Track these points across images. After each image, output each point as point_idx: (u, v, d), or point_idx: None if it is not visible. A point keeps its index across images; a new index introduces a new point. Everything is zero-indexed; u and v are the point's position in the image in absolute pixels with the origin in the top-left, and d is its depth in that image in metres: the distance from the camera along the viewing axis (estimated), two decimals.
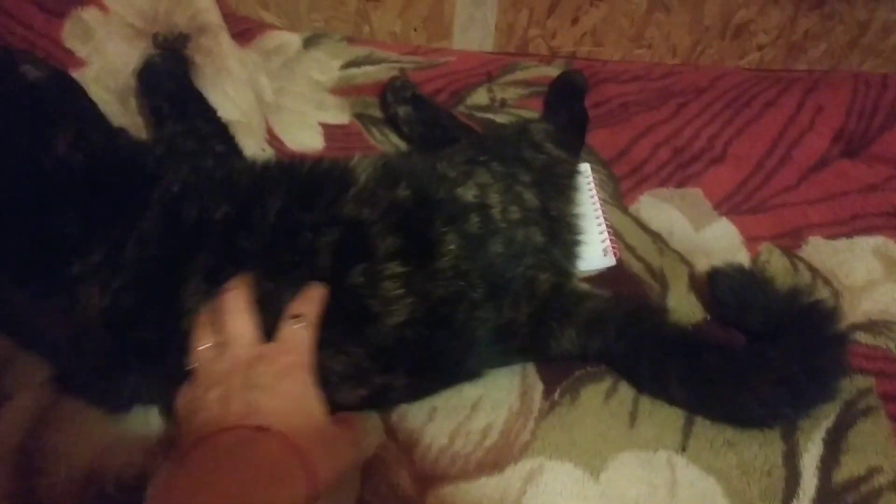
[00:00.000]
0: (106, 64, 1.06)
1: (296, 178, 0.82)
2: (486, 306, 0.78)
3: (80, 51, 1.05)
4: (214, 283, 0.71)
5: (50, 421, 0.77)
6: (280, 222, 0.75)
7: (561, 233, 0.89)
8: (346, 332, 0.73)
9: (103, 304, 0.71)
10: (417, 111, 1.10)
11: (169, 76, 1.00)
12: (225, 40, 1.11)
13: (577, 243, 0.91)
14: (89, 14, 1.07)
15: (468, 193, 0.83)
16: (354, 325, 0.73)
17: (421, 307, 0.74)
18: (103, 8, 1.08)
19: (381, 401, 0.79)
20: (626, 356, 0.83)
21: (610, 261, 0.98)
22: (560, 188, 0.93)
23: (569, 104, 1.16)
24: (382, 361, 0.74)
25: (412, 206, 0.79)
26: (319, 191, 0.79)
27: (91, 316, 0.71)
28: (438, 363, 0.79)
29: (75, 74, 1.02)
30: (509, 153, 0.92)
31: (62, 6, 1.05)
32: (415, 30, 1.47)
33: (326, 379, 0.72)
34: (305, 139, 1.11)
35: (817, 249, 1.04)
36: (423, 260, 0.75)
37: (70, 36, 1.05)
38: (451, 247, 0.77)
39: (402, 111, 1.10)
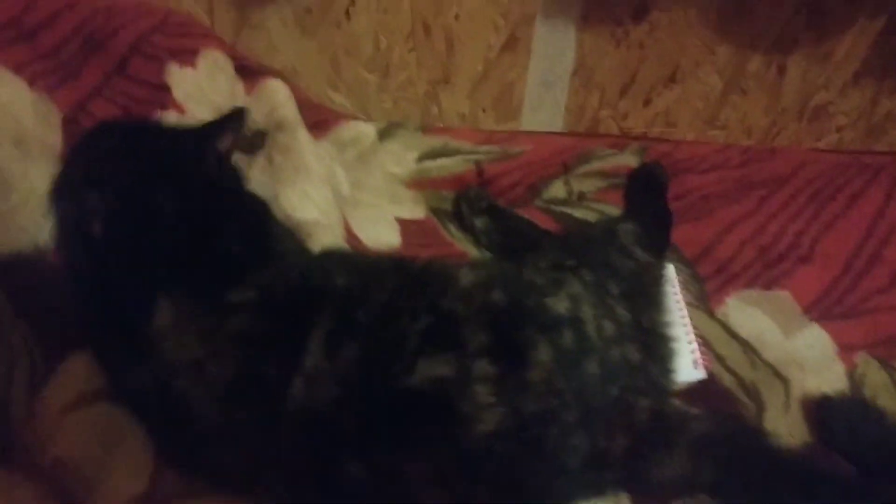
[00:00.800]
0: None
1: (408, 270, 0.82)
2: (578, 432, 0.75)
3: None
4: (330, 345, 0.71)
5: None
6: (389, 304, 0.75)
7: (656, 347, 0.85)
8: (433, 430, 0.69)
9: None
10: (495, 221, 1.09)
11: None
12: (303, 136, 1.11)
13: (672, 356, 0.87)
14: (169, 118, 1.07)
15: (560, 305, 0.80)
16: (442, 424, 0.69)
17: (511, 421, 0.70)
18: (180, 110, 1.09)
19: None
20: (733, 484, 0.79)
21: (700, 373, 0.94)
22: (649, 297, 0.90)
23: (651, 201, 1.13)
24: (467, 471, 0.69)
25: (505, 309, 0.77)
26: (425, 285, 0.79)
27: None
28: (523, 489, 0.75)
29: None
30: (598, 259, 0.89)
31: (145, 109, 1.06)
32: (483, 111, 1.46)
33: (405, 489, 0.68)
34: (382, 235, 1.10)
35: None
36: (513, 365, 0.72)
37: None
38: (544, 358, 0.74)
39: (480, 222, 1.10)
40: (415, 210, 1.15)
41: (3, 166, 0.90)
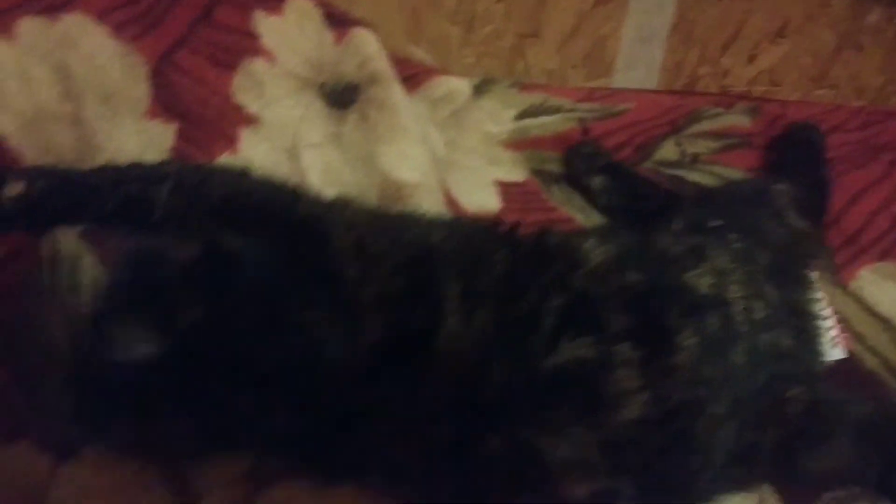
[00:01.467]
0: (275, 119, 0.99)
1: (519, 243, 0.75)
2: (726, 425, 0.68)
3: (251, 106, 0.98)
4: (465, 309, 0.66)
5: None
6: (507, 278, 0.69)
7: (806, 329, 0.77)
8: (574, 412, 0.64)
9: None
10: (614, 180, 1.00)
11: None
12: (397, 91, 1.03)
13: (820, 337, 0.79)
14: (258, 66, 1.00)
15: (702, 283, 0.72)
16: (584, 407, 0.64)
17: (657, 408, 0.64)
18: (271, 58, 1.02)
19: None
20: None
21: (840, 353, 0.86)
22: (798, 271, 0.81)
23: (808, 163, 1.02)
24: (612, 459, 0.64)
25: (643, 291, 0.70)
26: (548, 262, 0.72)
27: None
28: (666, 483, 0.69)
29: (247, 132, 0.97)
30: (746, 221, 0.81)
31: (233, 58, 0.99)
32: (573, 67, 1.38)
33: (544, 470, 0.63)
34: (481, 199, 1.02)
35: None
36: (657, 349, 0.66)
37: (239, 90, 0.98)
38: (690, 342, 0.67)
39: (597, 182, 1.01)
40: (514, 172, 1.07)
41: (90, 125, 0.85)
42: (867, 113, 1.23)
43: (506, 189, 1.04)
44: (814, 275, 0.86)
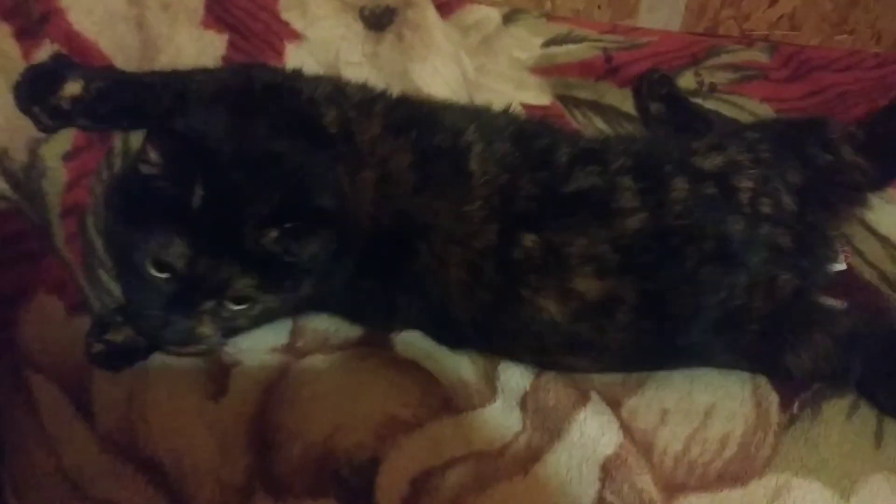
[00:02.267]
0: (318, 37, 1.05)
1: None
2: (715, 266, 0.77)
3: (296, 23, 1.05)
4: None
5: (281, 397, 0.77)
6: (520, 131, 0.86)
7: (814, 246, 0.84)
8: (589, 217, 0.78)
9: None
10: (671, 109, 1.06)
11: None
12: (431, 14, 1.09)
13: (828, 260, 0.86)
14: None
15: (708, 162, 0.82)
16: (597, 214, 0.78)
17: (653, 223, 0.78)
18: None
19: (604, 339, 0.78)
20: (882, 380, 0.78)
21: (840, 265, 0.92)
22: (834, 200, 0.87)
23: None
24: (620, 256, 0.77)
25: (646, 151, 0.84)
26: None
27: None
28: (665, 305, 0.77)
29: (292, 47, 1.03)
30: (788, 142, 0.87)
31: None
32: (599, 7, 1.42)
33: (564, 262, 0.76)
34: None
35: None
36: (653, 185, 0.80)
37: (286, 8, 1.05)
38: (682, 185, 0.80)
39: (655, 108, 1.07)
40: (540, 96, 1.13)
41: (152, 29, 0.92)
42: (884, 56, 1.28)
43: (531, 112, 1.10)
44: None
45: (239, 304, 0.71)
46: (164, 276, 0.67)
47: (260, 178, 0.69)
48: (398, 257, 0.78)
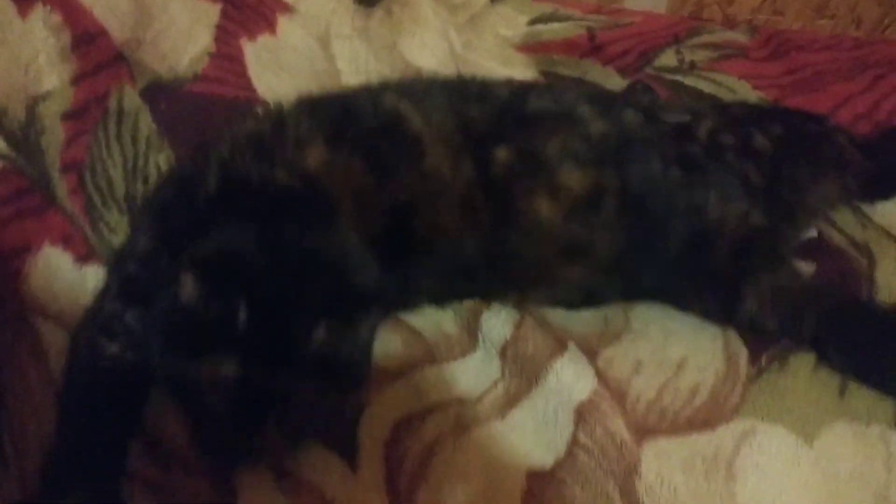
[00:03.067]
0: (309, 10, 1.09)
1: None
2: (681, 172, 0.83)
3: None
4: None
5: None
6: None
7: (789, 200, 0.88)
8: (554, 124, 0.84)
9: None
10: None
11: None
12: None
13: (799, 227, 0.91)
14: None
15: (673, 117, 0.88)
16: (561, 122, 0.85)
17: (616, 131, 0.85)
18: None
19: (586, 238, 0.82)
20: (835, 339, 0.81)
21: (810, 231, 0.95)
22: (814, 164, 0.91)
23: None
24: (595, 152, 0.82)
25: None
26: None
27: None
28: (642, 205, 0.82)
29: (284, 19, 1.07)
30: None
31: None
32: None
33: (544, 162, 0.81)
34: None
35: None
36: (609, 111, 0.87)
37: None
38: (635, 118, 0.87)
39: None
40: (525, 73, 1.16)
41: None
42: (862, 39, 1.32)
43: None
44: None
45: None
46: (223, 399, 0.67)
47: (301, 280, 0.69)
48: (402, 248, 0.79)
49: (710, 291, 0.83)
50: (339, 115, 0.83)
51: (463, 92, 0.87)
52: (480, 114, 0.83)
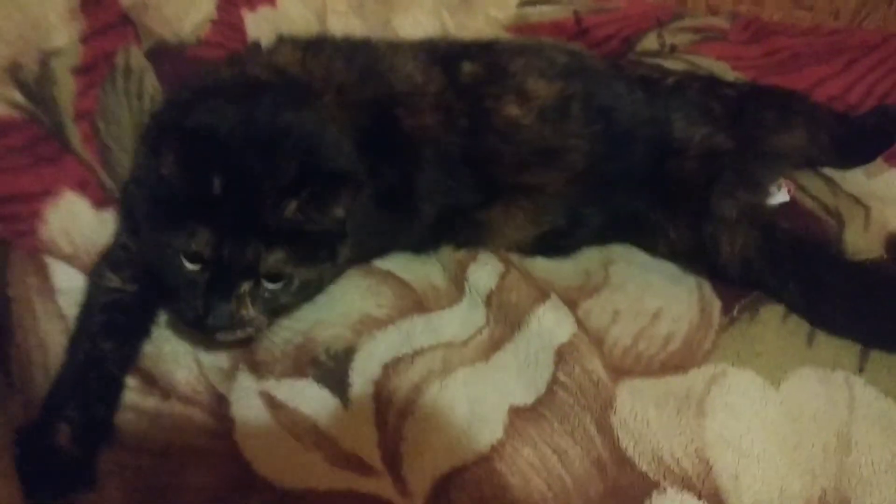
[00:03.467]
0: None
1: None
2: (642, 93, 0.92)
3: None
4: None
5: None
6: None
7: (750, 148, 0.94)
8: (519, 51, 0.93)
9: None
10: None
11: None
12: None
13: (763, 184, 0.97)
14: None
15: (640, 70, 1.01)
16: (525, 51, 0.93)
17: (577, 63, 0.94)
18: None
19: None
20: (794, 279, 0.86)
21: (784, 196, 1.00)
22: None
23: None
24: (559, 68, 0.92)
25: None
26: None
27: None
28: (608, 116, 0.90)
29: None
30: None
31: None
32: None
33: (510, 73, 0.90)
34: None
35: None
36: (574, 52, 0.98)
37: None
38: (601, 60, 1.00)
39: None
40: None
41: None
42: (838, 27, 1.37)
43: None
44: None
45: (275, 281, 0.74)
46: (196, 267, 0.71)
47: (273, 155, 0.73)
48: (389, 144, 0.85)
49: (682, 205, 0.89)
50: (315, 39, 0.92)
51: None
52: (447, 44, 0.94)
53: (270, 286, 0.74)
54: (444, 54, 0.90)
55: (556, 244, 0.93)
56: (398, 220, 0.88)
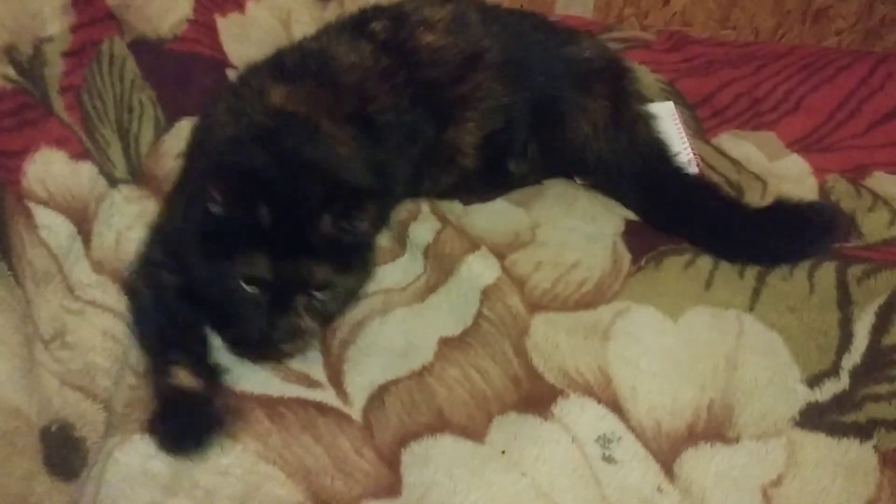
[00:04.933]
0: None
1: None
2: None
3: None
4: None
5: None
6: None
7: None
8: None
9: None
10: None
11: None
12: None
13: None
14: None
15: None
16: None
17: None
18: None
19: None
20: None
21: (693, 169, 1.13)
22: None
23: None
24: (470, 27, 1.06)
25: None
26: None
27: None
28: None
29: (252, 4, 1.26)
30: None
31: None
32: (521, 6, 1.67)
33: (415, 17, 1.05)
34: None
35: (880, 181, 1.16)
36: None
37: None
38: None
39: None
40: None
41: None
42: (753, 41, 1.53)
43: None
44: (669, 104, 1.17)
45: (323, 291, 0.83)
46: (255, 290, 0.80)
47: (303, 182, 0.83)
48: (375, 135, 0.98)
49: (597, 83, 1.07)
50: (277, 61, 1.03)
51: None
52: (347, 18, 1.10)
53: (320, 296, 0.83)
54: (354, 25, 1.05)
55: (500, 145, 1.07)
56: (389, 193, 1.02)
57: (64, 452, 0.77)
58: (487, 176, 1.10)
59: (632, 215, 1.08)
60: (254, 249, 0.79)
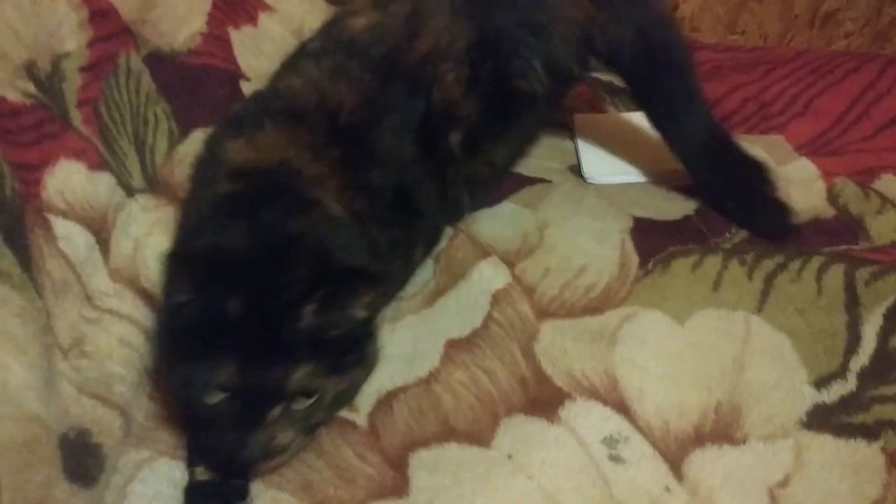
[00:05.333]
0: (286, 9, 1.31)
1: None
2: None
3: None
4: None
5: None
6: None
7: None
8: None
9: None
10: None
11: None
12: None
13: None
14: None
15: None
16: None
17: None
18: None
19: None
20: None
21: None
22: None
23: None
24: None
25: None
26: None
27: None
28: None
29: (264, 16, 1.29)
30: None
31: None
32: None
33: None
34: None
35: (888, 184, 1.17)
36: None
37: None
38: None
39: None
40: None
41: None
42: (761, 46, 1.54)
43: None
44: None
45: (308, 397, 0.70)
46: (221, 398, 0.67)
47: (285, 265, 0.70)
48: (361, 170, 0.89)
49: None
50: (226, 119, 0.98)
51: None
52: (308, 42, 1.08)
53: (304, 404, 0.70)
54: (291, 58, 1.05)
55: (495, 74, 0.99)
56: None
57: (82, 459, 0.75)
58: (499, 107, 0.99)
59: (640, 212, 1.09)
60: (221, 351, 0.67)
